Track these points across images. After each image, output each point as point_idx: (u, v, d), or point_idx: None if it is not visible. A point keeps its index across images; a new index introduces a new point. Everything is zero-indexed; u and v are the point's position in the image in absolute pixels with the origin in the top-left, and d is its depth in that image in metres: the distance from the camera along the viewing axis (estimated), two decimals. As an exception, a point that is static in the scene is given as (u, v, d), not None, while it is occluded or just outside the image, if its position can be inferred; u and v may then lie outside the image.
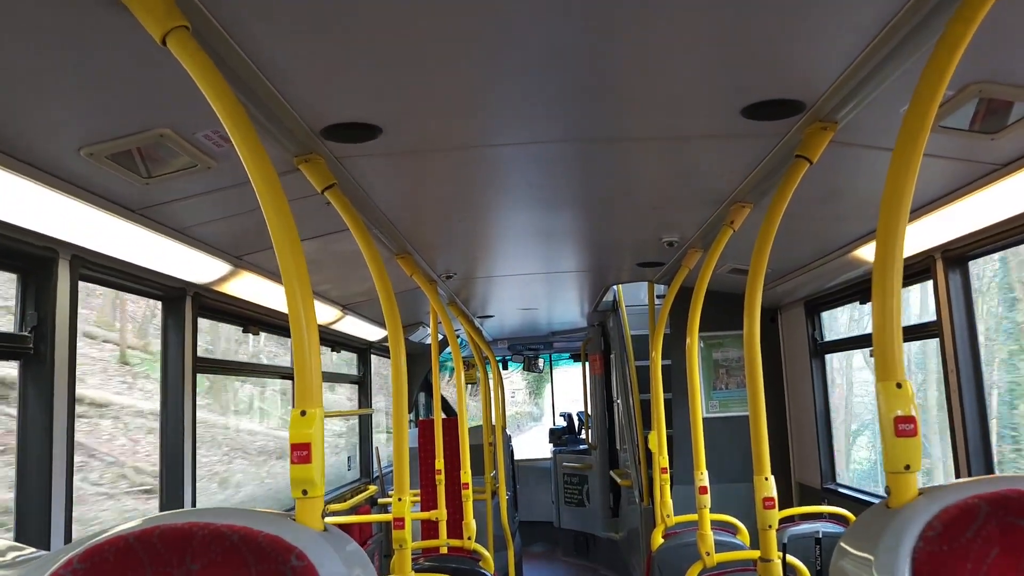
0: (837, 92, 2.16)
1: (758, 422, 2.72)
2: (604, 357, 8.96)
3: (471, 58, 1.93)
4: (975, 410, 3.58)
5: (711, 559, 3.67)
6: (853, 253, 4.05)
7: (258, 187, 1.69)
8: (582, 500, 9.57)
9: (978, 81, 2.11)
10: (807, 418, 5.67)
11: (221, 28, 1.68)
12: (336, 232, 3.42)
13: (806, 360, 5.62)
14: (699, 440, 3.78)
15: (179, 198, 2.72)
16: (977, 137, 2.46)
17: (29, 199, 2.33)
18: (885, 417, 1.60)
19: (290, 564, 1.43)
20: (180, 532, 1.48)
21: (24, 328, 2.63)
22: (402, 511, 2.82)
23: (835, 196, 3.33)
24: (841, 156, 2.72)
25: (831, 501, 5.05)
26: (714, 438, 5.69)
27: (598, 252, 4.84)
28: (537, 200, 3.41)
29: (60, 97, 1.96)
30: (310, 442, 1.63)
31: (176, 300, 3.61)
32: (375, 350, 7.46)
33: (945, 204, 3.05)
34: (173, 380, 3.61)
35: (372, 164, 2.66)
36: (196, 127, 2.19)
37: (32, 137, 2.13)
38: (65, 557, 1.47)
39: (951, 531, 1.46)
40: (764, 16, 1.77)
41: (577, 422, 11.24)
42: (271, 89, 1.98)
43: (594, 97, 2.24)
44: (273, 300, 4.30)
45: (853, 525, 1.73)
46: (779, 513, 2.90)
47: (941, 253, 3.61)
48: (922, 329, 3.90)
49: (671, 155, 2.83)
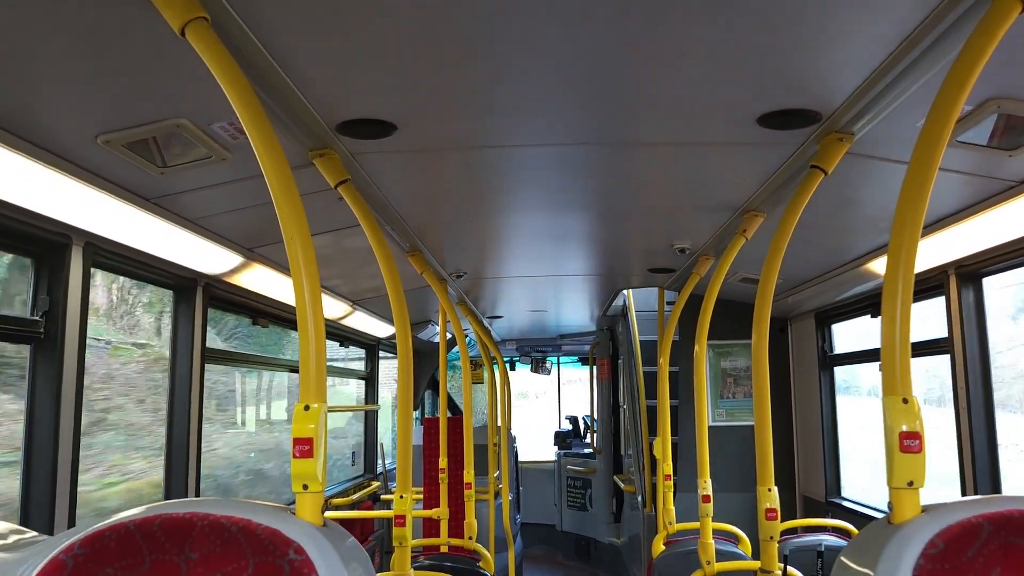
0: (854, 104, 2.15)
1: (763, 432, 2.70)
2: (612, 361, 8.94)
3: (488, 59, 1.93)
4: (984, 428, 3.55)
5: (712, 568, 3.66)
6: (865, 266, 4.03)
7: (271, 180, 1.69)
8: (585, 504, 9.56)
9: (997, 97, 2.09)
10: (814, 430, 5.64)
11: (240, 21, 1.69)
12: (348, 227, 3.43)
13: (815, 372, 5.59)
14: (704, 448, 3.76)
15: (193, 188, 2.73)
16: (995, 153, 2.44)
17: (45, 185, 2.35)
18: (890, 432, 1.59)
19: (288, 557, 1.44)
20: (180, 521, 1.48)
21: (36, 312, 2.65)
22: (404, 508, 2.83)
23: (849, 208, 3.31)
24: (856, 168, 2.70)
25: (835, 514, 5.02)
26: (719, 447, 5.67)
27: (609, 256, 4.83)
28: (549, 202, 3.41)
29: (79, 85, 1.97)
30: (312, 437, 1.63)
31: (187, 290, 3.63)
32: (383, 346, 7.47)
33: (960, 220, 3.03)
34: (181, 370, 3.63)
35: (386, 161, 2.67)
36: (212, 118, 2.20)
37: (50, 124, 2.15)
38: (67, 542, 1.48)
39: (953, 549, 1.44)
40: (782, 26, 1.76)
41: (582, 425, 11.23)
42: (288, 83, 1.99)
43: (609, 101, 2.23)
44: (283, 293, 4.31)
45: (854, 540, 1.72)
46: (781, 525, 2.89)
47: (955, 269, 3.58)
48: (932, 345, 3.87)
49: (685, 162, 2.82)
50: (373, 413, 7.46)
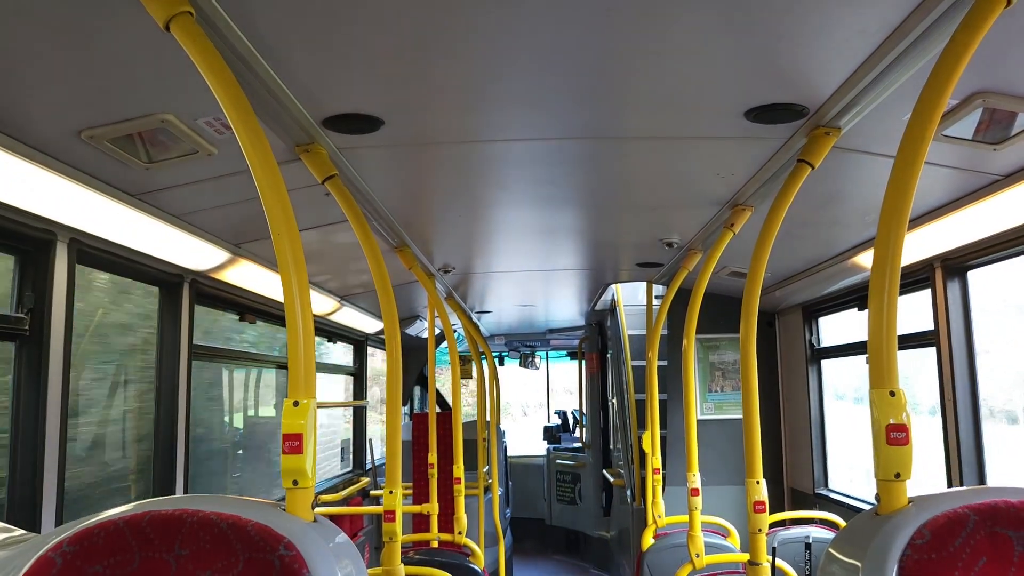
0: (841, 98, 2.16)
1: (751, 425, 2.72)
2: (600, 356, 8.97)
3: (474, 53, 1.92)
4: (970, 420, 3.58)
5: (701, 561, 3.68)
6: (852, 259, 4.05)
7: (258, 175, 1.68)
8: (574, 498, 9.59)
9: (983, 91, 2.10)
10: (802, 423, 5.68)
11: (225, 14, 1.67)
12: (335, 223, 3.42)
13: (803, 365, 5.62)
14: (692, 442, 3.78)
15: (179, 184, 2.71)
16: (980, 147, 2.45)
17: (29, 181, 2.32)
18: (877, 424, 1.60)
19: (278, 553, 1.43)
20: (170, 518, 1.48)
21: (21, 310, 2.63)
22: (393, 504, 2.82)
23: (836, 202, 3.33)
24: (843, 162, 2.72)
25: (823, 507, 5.06)
26: (708, 440, 5.70)
27: (597, 251, 4.84)
28: (537, 197, 3.41)
29: (62, 80, 1.95)
30: (302, 433, 1.63)
31: (174, 287, 3.61)
32: (371, 342, 7.45)
33: (946, 213, 3.05)
34: (168, 366, 3.61)
35: (373, 156, 2.66)
36: (198, 113, 2.19)
37: (33, 119, 2.13)
38: (55, 539, 1.47)
39: (939, 539, 1.46)
40: (769, 20, 1.77)
41: (572, 420, 11.26)
42: (274, 78, 1.97)
43: (597, 95, 2.23)
44: (270, 289, 4.29)
45: (842, 531, 1.73)
46: (770, 517, 2.91)
47: (941, 262, 3.61)
48: (919, 338, 3.90)
49: (673, 156, 2.83)
50: (361, 409, 7.45)
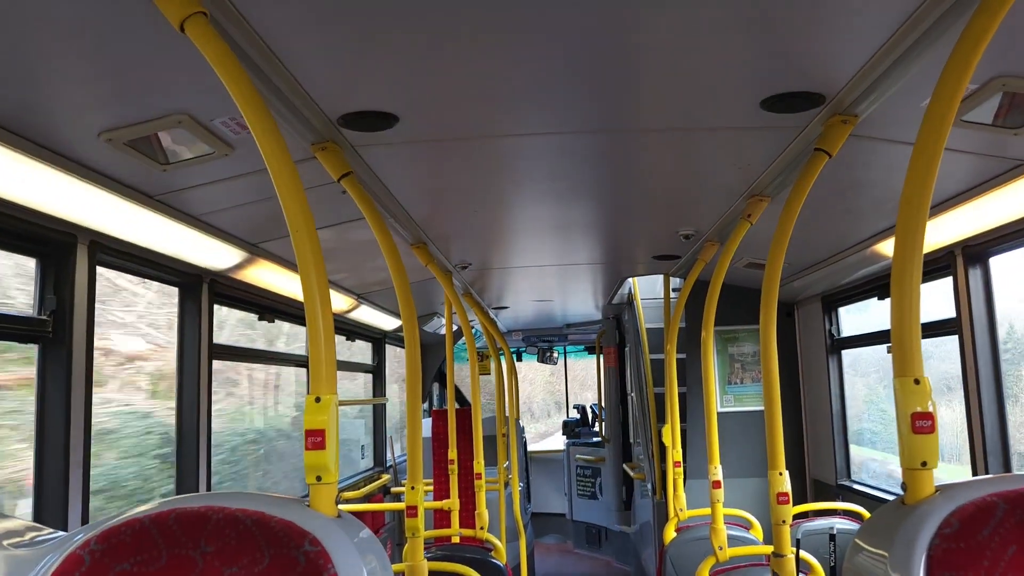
0: (858, 85, 2.13)
1: (773, 417, 2.70)
2: (618, 350, 8.94)
3: (489, 47, 1.92)
4: (994, 408, 3.54)
5: (724, 554, 3.67)
6: (872, 248, 4.01)
7: (275, 174, 1.69)
8: (595, 493, 9.58)
9: (1002, 75, 2.08)
10: (823, 414, 5.64)
11: (239, 14, 1.68)
12: (352, 221, 3.43)
13: (823, 356, 5.58)
14: (713, 434, 3.76)
15: (196, 185, 2.73)
16: (1001, 132, 2.42)
17: (49, 184, 2.35)
18: (902, 413, 1.59)
19: (303, 549, 1.44)
20: (195, 515, 1.49)
21: (43, 312, 2.66)
22: (415, 500, 2.83)
23: (854, 190, 3.30)
24: (861, 150, 2.69)
25: (845, 498, 5.02)
26: (728, 433, 5.67)
27: (614, 244, 4.82)
28: (553, 191, 3.40)
29: (79, 83, 1.97)
30: (324, 428, 1.64)
31: (192, 287, 3.64)
32: (390, 339, 7.48)
33: (967, 200, 3.01)
34: (189, 366, 3.64)
35: (389, 153, 2.66)
36: (214, 113, 2.20)
37: (52, 123, 2.15)
38: (83, 538, 1.49)
39: (968, 528, 1.44)
40: (785, 7, 1.75)
41: (591, 414, 11.24)
42: (289, 76, 1.98)
43: (612, 88, 2.22)
44: (288, 288, 4.32)
45: (868, 521, 1.72)
46: (793, 509, 2.89)
47: (962, 249, 3.57)
48: (941, 326, 3.86)
49: (689, 147, 2.81)
50: (382, 406, 7.48)
